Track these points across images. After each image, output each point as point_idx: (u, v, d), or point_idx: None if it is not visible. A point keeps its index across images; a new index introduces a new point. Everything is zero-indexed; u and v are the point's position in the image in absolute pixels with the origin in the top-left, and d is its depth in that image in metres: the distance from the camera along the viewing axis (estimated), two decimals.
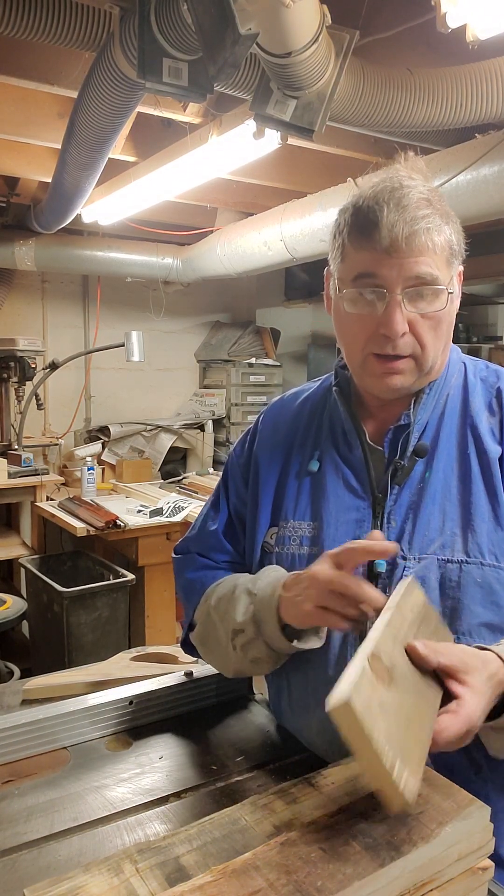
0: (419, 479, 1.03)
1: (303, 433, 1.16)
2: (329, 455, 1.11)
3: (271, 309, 5.10)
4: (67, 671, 1.37)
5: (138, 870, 0.71)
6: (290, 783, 0.86)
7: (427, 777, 0.80)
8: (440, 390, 1.06)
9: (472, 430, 1.03)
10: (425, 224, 0.93)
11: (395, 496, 1.03)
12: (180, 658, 1.37)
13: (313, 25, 1.50)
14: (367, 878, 0.65)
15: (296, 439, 1.16)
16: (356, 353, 1.02)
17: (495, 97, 1.88)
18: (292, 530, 1.10)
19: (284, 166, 3.12)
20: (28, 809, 0.94)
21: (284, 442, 1.17)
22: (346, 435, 1.09)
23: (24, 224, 3.70)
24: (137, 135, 2.78)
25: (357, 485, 1.06)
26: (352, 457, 1.08)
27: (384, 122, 1.93)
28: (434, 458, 1.03)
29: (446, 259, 0.97)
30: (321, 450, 1.12)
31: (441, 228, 0.95)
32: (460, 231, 1.01)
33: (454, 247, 0.98)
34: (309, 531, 1.08)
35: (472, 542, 0.98)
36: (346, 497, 1.07)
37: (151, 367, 4.64)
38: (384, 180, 0.98)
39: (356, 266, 0.97)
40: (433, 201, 0.96)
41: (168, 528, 3.35)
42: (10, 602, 3.01)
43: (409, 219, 0.92)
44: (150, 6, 1.50)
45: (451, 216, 0.99)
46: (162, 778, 1.00)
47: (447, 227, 0.96)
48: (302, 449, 1.14)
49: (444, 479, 1.02)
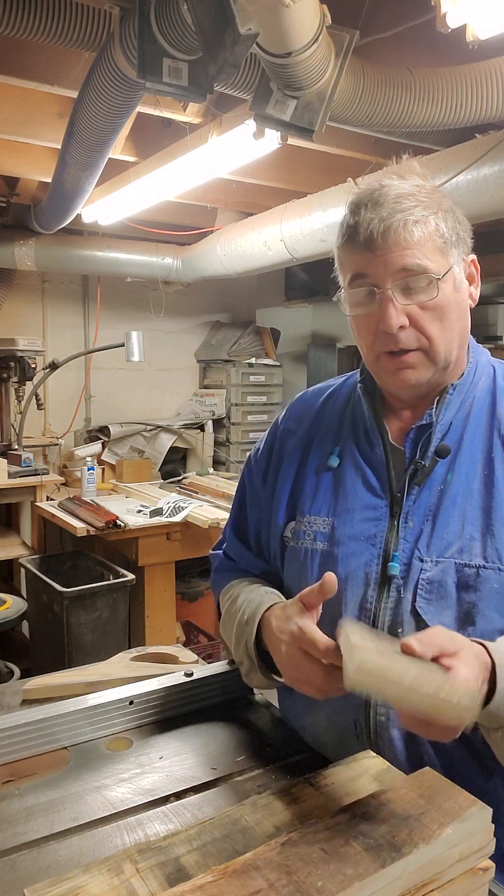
0: (440, 481, 1.01)
1: (324, 429, 1.16)
2: (350, 452, 1.10)
3: (271, 309, 5.10)
4: (67, 671, 1.36)
5: (138, 870, 0.71)
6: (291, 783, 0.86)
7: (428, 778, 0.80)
8: (466, 391, 1.04)
9: (499, 434, 1.01)
10: (402, 217, 0.94)
11: (415, 497, 1.01)
12: (180, 658, 1.37)
13: (313, 25, 1.50)
14: (367, 878, 0.65)
15: (317, 435, 1.16)
16: (369, 354, 1.04)
17: (495, 97, 1.88)
18: (308, 525, 1.10)
19: (284, 166, 3.12)
20: (28, 809, 0.94)
21: (305, 437, 1.17)
22: (367, 433, 1.09)
23: (24, 224, 3.70)
24: (137, 135, 2.78)
25: (376, 483, 1.06)
26: (372, 455, 1.07)
27: (384, 122, 1.93)
28: (457, 460, 1.01)
29: (437, 248, 0.96)
30: (342, 446, 1.11)
31: (425, 219, 0.95)
32: (461, 220, 1.00)
33: (446, 234, 0.97)
34: (324, 527, 1.08)
35: (490, 547, 0.96)
36: (364, 495, 1.06)
37: (151, 367, 4.64)
38: (369, 184, 1.01)
39: (349, 269, 1.01)
40: (417, 194, 0.96)
41: (168, 528, 3.35)
42: (10, 602, 3.01)
43: (385, 215, 0.95)
44: (150, 6, 1.50)
45: (444, 206, 0.98)
46: (162, 778, 1.00)
47: (434, 216, 0.96)
48: (322, 444, 1.14)
49: (467, 483, 1.00)
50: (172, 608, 3.48)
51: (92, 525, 3.18)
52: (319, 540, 1.08)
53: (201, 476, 4.19)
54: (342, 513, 1.07)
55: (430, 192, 0.99)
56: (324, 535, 1.08)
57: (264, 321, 4.96)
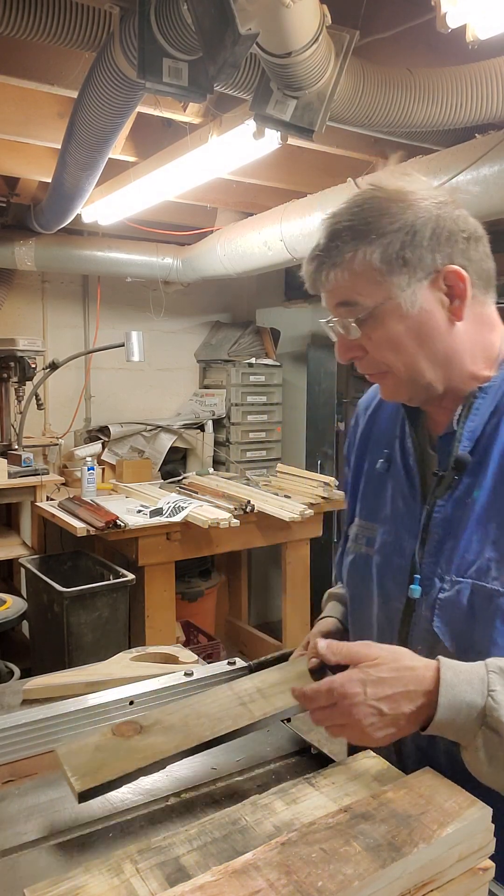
0: (465, 494, 0.95)
1: (379, 429, 1.14)
2: (395, 457, 1.08)
3: (271, 309, 5.10)
4: (67, 671, 1.36)
5: (138, 870, 0.71)
6: (290, 783, 0.86)
7: (428, 778, 0.80)
8: (500, 396, 0.96)
9: None
10: (319, 262, 0.96)
11: (441, 510, 0.97)
12: (180, 658, 1.37)
13: (313, 25, 1.50)
14: (367, 878, 0.65)
15: (372, 433, 1.15)
16: None
17: (495, 97, 1.88)
18: (359, 528, 1.11)
19: (284, 166, 3.11)
20: (28, 809, 0.94)
21: (365, 436, 1.16)
22: (405, 438, 1.07)
23: (24, 224, 3.70)
24: (137, 135, 2.78)
25: (409, 492, 1.03)
26: (409, 462, 1.05)
27: (384, 122, 1.93)
28: (485, 473, 0.94)
29: (371, 280, 0.92)
30: (391, 449, 1.09)
31: (351, 258, 0.92)
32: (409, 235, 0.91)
33: (379, 264, 0.90)
34: (369, 532, 1.08)
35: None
36: (399, 503, 1.05)
37: (151, 367, 4.64)
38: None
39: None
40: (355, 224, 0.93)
41: (168, 528, 3.35)
42: (10, 602, 3.01)
43: (312, 269, 0.98)
44: (150, 6, 1.50)
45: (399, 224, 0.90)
46: (162, 778, 1.00)
47: (368, 247, 0.91)
48: (378, 445, 1.13)
49: (494, 498, 0.93)
50: (172, 608, 3.48)
51: (92, 525, 3.18)
52: (364, 544, 1.08)
53: (201, 476, 4.19)
54: (383, 519, 1.06)
55: (378, 211, 0.92)
56: (369, 540, 1.07)
57: (264, 321, 4.96)
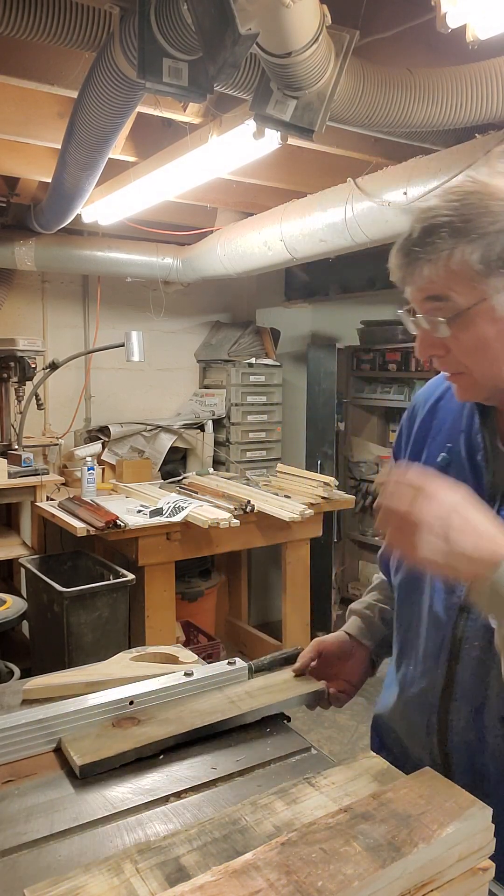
0: None
1: (440, 420, 1.13)
2: (457, 451, 1.07)
3: (271, 309, 5.10)
4: (67, 671, 1.36)
5: (138, 870, 0.71)
6: (291, 783, 0.86)
7: (428, 778, 0.80)
8: None
9: None
10: (414, 256, 0.92)
11: (497, 510, 0.95)
12: (180, 658, 1.36)
13: (313, 25, 1.50)
14: (367, 878, 0.65)
15: (433, 428, 1.13)
16: None
17: (495, 97, 1.87)
18: None
19: (284, 166, 3.11)
20: (28, 809, 0.94)
21: (424, 429, 1.15)
22: (472, 434, 1.06)
23: (24, 224, 3.70)
24: (137, 135, 2.78)
25: (475, 487, 1.00)
26: (476, 458, 1.04)
27: (384, 122, 1.93)
28: None
29: (466, 279, 0.89)
30: (453, 443, 1.08)
31: (448, 255, 0.88)
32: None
33: (475, 265, 0.88)
34: None
35: None
36: None
37: (151, 367, 4.64)
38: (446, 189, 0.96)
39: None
40: (453, 220, 0.88)
41: (168, 528, 3.35)
42: (10, 602, 3.01)
43: (404, 262, 0.94)
44: (150, 6, 1.50)
45: (479, 228, 0.88)
46: (162, 778, 1.00)
47: (468, 245, 0.87)
48: (438, 440, 1.11)
49: None
50: (172, 608, 3.48)
51: (92, 525, 3.18)
52: None
53: (201, 476, 4.19)
54: None
55: (480, 210, 0.88)
56: None
57: (264, 321, 4.96)
